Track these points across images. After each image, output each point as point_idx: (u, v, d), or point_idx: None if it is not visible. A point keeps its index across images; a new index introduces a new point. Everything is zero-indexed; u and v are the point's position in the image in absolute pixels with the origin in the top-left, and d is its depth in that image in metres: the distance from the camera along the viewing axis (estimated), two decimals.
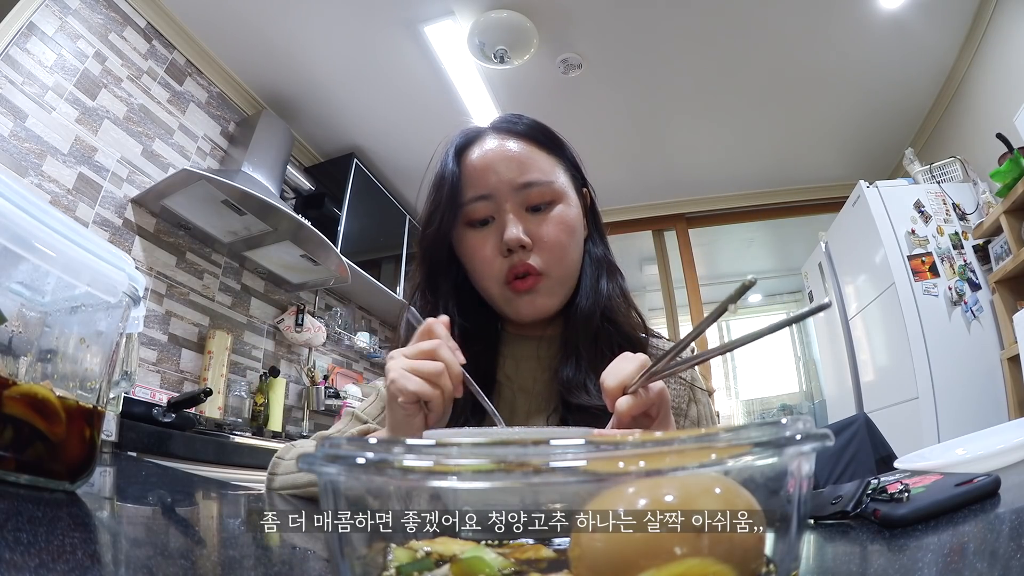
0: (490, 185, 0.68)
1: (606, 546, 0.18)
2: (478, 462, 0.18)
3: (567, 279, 0.71)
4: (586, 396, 0.64)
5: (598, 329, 0.69)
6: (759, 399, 5.11)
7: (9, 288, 0.41)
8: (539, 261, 0.67)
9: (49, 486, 0.41)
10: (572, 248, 0.70)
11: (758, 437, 0.18)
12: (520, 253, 0.66)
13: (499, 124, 0.73)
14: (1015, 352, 2.01)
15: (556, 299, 0.70)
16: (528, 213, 0.68)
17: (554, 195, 0.69)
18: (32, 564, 0.23)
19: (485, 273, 0.69)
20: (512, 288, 0.68)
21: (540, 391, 0.70)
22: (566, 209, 0.70)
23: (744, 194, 3.70)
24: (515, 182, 0.67)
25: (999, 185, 2.13)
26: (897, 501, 0.40)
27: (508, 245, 0.66)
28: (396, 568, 0.21)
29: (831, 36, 2.49)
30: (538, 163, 0.70)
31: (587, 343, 0.68)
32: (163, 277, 2.21)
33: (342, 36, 2.45)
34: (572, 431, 0.45)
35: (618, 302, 0.72)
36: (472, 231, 0.69)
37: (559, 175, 0.71)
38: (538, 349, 0.72)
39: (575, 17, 2.37)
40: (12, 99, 1.73)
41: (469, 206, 0.68)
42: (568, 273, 0.70)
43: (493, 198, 0.68)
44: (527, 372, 0.72)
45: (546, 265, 0.67)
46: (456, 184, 0.68)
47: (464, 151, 0.71)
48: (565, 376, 0.67)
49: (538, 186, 0.68)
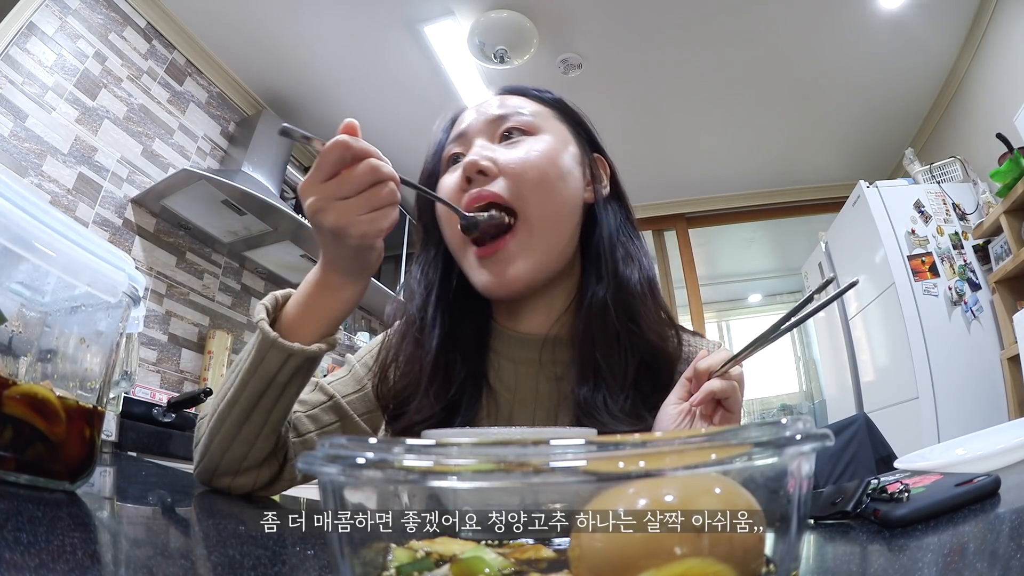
0: (467, 122, 0.62)
1: (606, 546, 0.18)
2: (478, 462, 0.18)
3: (547, 230, 0.57)
4: (609, 420, 0.53)
5: (618, 331, 0.56)
6: (759, 399, 5.11)
7: (9, 288, 0.41)
8: (506, 190, 0.55)
9: (49, 486, 0.41)
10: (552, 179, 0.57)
11: (758, 437, 0.18)
12: (480, 180, 0.56)
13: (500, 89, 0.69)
14: (1015, 352, 2.01)
15: (529, 264, 0.56)
16: (499, 144, 0.59)
17: (529, 126, 0.60)
18: (32, 564, 0.23)
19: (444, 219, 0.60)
20: (476, 253, 0.57)
21: (544, 405, 0.59)
22: (544, 138, 0.59)
23: (744, 194, 3.70)
24: (489, 115, 0.61)
25: (999, 185, 2.13)
26: (897, 501, 0.40)
27: (466, 172, 0.56)
28: (396, 568, 0.21)
29: (831, 36, 2.49)
30: (521, 104, 0.62)
31: (605, 349, 0.56)
32: (163, 277, 2.21)
33: (342, 36, 2.45)
34: (572, 431, 0.45)
35: (646, 297, 0.59)
36: (445, 176, 0.62)
37: (546, 117, 0.63)
38: (541, 351, 0.60)
39: (575, 17, 2.37)
40: (12, 99, 1.73)
41: (445, 149, 0.63)
42: (548, 218, 0.57)
43: (465, 134, 0.61)
44: (527, 380, 0.60)
45: (515, 196, 0.55)
46: (442, 143, 0.64)
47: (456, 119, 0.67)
48: (582, 398, 0.55)
49: (513, 117, 0.60)
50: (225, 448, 0.57)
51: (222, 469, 0.59)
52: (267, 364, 0.54)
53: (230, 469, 0.59)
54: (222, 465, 0.59)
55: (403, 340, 0.63)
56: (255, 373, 0.55)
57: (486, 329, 0.64)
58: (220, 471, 0.59)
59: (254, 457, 0.58)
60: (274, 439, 0.59)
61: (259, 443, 0.58)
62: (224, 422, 0.57)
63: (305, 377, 0.58)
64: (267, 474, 0.61)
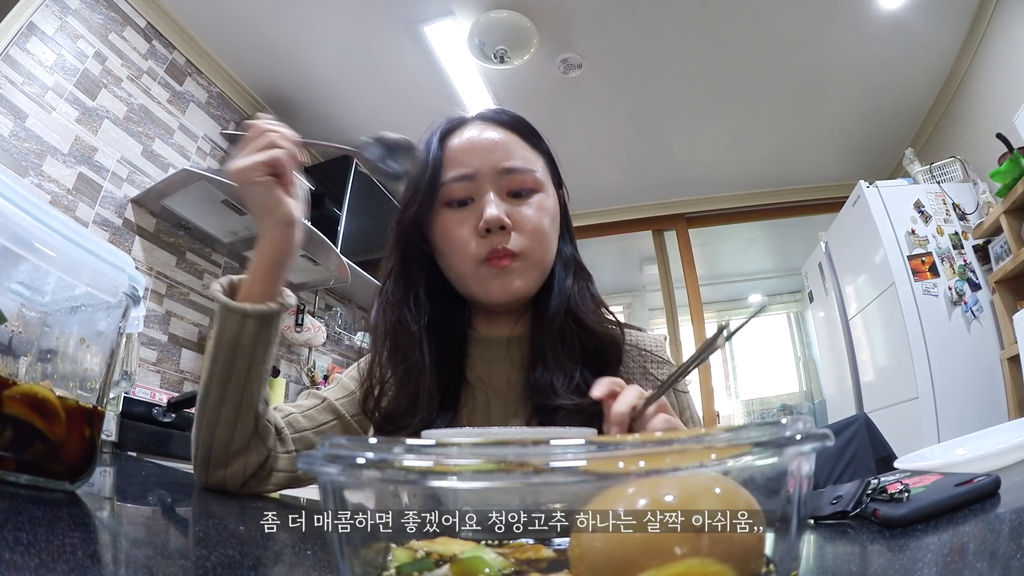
0: (473, 166, 0.68)
1: (606, 546, 0.18)
2: (478, 462, 0.18)
3: (542, 264, 0.70)
4: (554, 396, 0.64)
5: (563, 329, 0.69)
6: (759, 399, 5.11)
7: (9, 288, 0.41)
8: (517, 243, 0.67)
9: (49, 486, 0.41)
10: (551, 236, 0.70)
11: (758, 437, 0.18)
12: (498, 235, 0.66)
13: (485, 114, 0.74)
14: (1015, 352, 2.01)
15: (530, 283, 0.69)
16: (509, 198, 0.68)
17: (535, 184, 0.70)
18: (32, 564, 0.23)
19: (459, 253, 0.68)
20: (489, 264, 0.66)
21: (515, 393, 0.70)
22: (545, 198, 0.70)
23: (744, 194, 3.70)
24: (499, 165, 0.68)
25: (999, 185, 2.13)
26: (897, 501, 0.40)
27: (487, 224, 0.65)
28: (396, 568, 0.21)
29: (831, 36, 2.49)
30: (521, 152, 0.71)
31: (553, 343, 0.68)
32: (163, 277, 2.21)
33: (342, 36, 2.45)
34: (572, 431, 0.45)
35: (586, 302, 0.72)
36: (450, 212, 0.69)
37: (540, 167, 0.72)
38: (508, 350, 0.72)
39: (575, 17, 2.37)
40: (12, 99, 1.73)
41: (449, 186, 0.68)
42: (544, 258, 0.70)
43: (474, 179, 0.68)
44: (499, 374, 0.71)
45: (524, 248, 0.67)
46: (437, 166, 0.69)
47: (447, 136, 0.72)
48: (534, 379, 0.67)
49: (520, 173, 0.69)
50: (211, 435, 0.61)
51: (213, 461, 0.62)
52: (228, 331, 0.60)
53: (220, 460, 0.62)
54: (213, 456, 0.62)
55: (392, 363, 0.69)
56: (221, 345, 0.61)
57: (464, 337, 0.74)
58: (212, 463, 0.63)
59: (239, 440, 0.62)
60: (253, 417, 0.63)
61: (240, 422, 0.61)
62: (205, 407, 0.62)
63: (268, 341, 0.63)
64: (255, 460, 0.64)
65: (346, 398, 0.74)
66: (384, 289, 0.72)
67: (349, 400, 0.74)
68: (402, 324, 0.69)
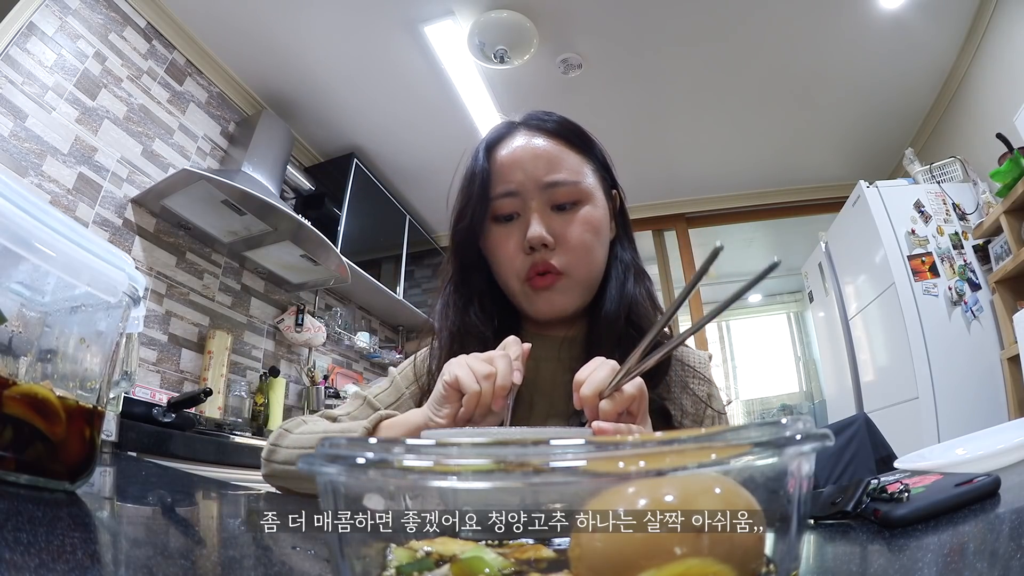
0: (516, 181, 0.68)
1: (606, 546, 0.18)
2: (478, 462, 0.18)
3: (588, 281, 0.71)
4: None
5: (622, 333, 0.68)
6: (759, 399, 5.11)
7: (9, 288, 0.41)
8: (561, 260, 0.67)
9: (49, 486, 0.41)
10: (596, 249, 0.70)
11: (758, 437, 0.18)
12: (542, 252, 0.67)
13: (530, 120, 0.73)
14: (1015, 352, 2.01)
15: (575, 299, 0.70)
16: (553, 212, 0.69)
17: (580, 195, 0.69)
18: (32, 564, 0.23)
19: (506, 268, 0.70)
20: (531, 284, 0.68)
21: (560, 393, 0.69)
22: (592, 210, 0.70)
23: (744, 194, 3.70)
24: (541, 180, 0.68)
25: (999, 185, 2.13)
26: (897, 501, 0.40)
27: (530, 243, 0.66)
28: (396, 568, 0.21)
29: (831, 36, 2.49)
30: (566, 162, 0.70)
31: (610, 347, 0.66)
32: (163, 277, 2.21)
33: (342, 36, 2.45)
34: (572, 431, 0.45)
35: (645, 306, 0.71)
36: (497, 226, 0.70)
37: (587, 175, 0.71)
38: (559, 350, 0.72)
39: (575, 17, 2.37)
40: (12, 99, 1.73)
41: (496, 201, 0.69)
42: (590, 275, 0.70)
43: (519, 195, 0.68)
44: (546, 373, 0.71)
45: (567, 265, 0.68)
46: (486, 180, 0.69)
47: (494, 147, 0.72)
48: None
49: (564, 186, 0.68)
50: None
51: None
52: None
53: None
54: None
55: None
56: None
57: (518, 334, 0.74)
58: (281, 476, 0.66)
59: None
60: None
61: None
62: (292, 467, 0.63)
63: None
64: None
65: (394, 404, 0.75)
66: (445, 293, 0.74)
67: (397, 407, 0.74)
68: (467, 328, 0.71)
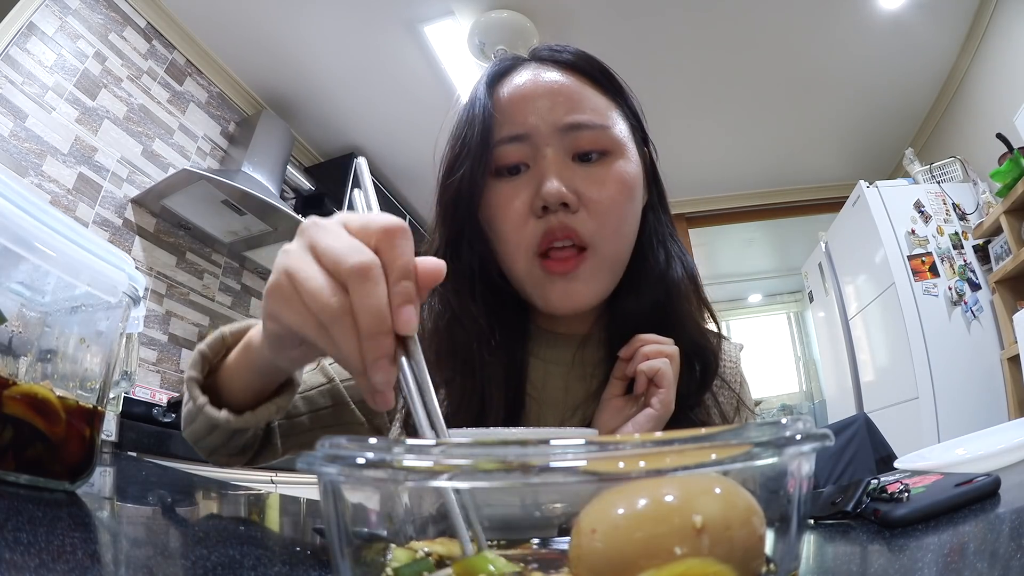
0: (527, 123, 0.52)
1: (606, 546, 0.18)
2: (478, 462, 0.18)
3: (618, 259, 0.54)
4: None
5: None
6: (759, 399, 5.11)
7: (9, 288, 0.41)
8: (587, 227, 0.51)
9: (49, 486, 0.41)
10: (629, 217, 0.54)
11: (758, 437, 0.18)
12: (560, 214, 0.50)
13: (542, 52, 0.57)
14: (1015, 352, 2.01)
15: (599, 287, 0.53)
16: (575, 163, 0.52)
17: (610, 143, 0.53)
18: (32, 564, 0.23)
19: (511, 238, 0.52)
20: (544, 264, 0.51)
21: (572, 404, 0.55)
22: (625, 165, 0.53)
23: (744, 194, 3.70)
24: (560, 121, 0.52)
25: (999, 185, 2.13)
26: (897, 501, 0.40)
27: (545, 201, 0.49)
28: (396, 569, 0.21)
29: (831, 36, 2.49)
30: (590, 101, 0.54)
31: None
32: (163, 277, 2.21)
33: (342, 36, 2.45)
34: (572, 431, 0.45)
35: (687, 298, 0.56)
36: (500, 182, 0.53)
37: (616, 120, 0.55)
38: (575, 353, 0.56)
39: (575, 18, 2.37)
40: (12, 99, 1.73)
41: (499, 148, 0.52)
42: (619, 250, 0.54)
43: (530, 139, 0.52)
44: (558, 379, 0.56)
45: (594, 234, 0.51)
46: (488, 121, 0.52)
47: (497, 83, 0.56)
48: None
49: (589, 129, 0.52)
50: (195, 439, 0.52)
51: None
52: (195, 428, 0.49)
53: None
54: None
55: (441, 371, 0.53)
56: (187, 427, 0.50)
57: (525, 332, 0.58)
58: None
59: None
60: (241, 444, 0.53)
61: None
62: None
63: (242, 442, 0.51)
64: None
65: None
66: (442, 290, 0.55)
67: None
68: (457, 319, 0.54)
